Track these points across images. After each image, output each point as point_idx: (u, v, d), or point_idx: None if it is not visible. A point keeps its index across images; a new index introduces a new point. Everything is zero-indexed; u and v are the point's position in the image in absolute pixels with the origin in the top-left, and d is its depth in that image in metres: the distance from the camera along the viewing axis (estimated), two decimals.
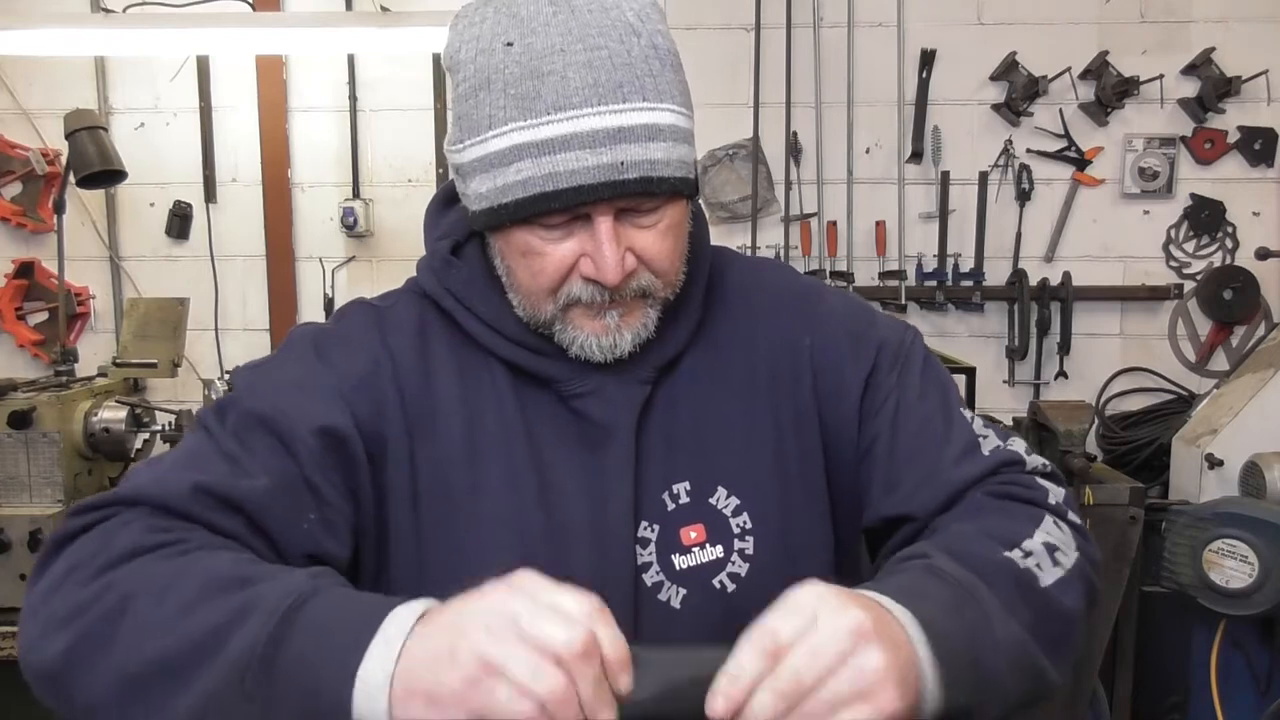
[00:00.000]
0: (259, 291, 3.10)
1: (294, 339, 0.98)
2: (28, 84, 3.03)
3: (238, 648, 0.69)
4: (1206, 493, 2.28)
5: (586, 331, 0.91)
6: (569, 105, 0.82)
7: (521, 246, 0.88)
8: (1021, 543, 0.85)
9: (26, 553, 2.14)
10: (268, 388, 0.92)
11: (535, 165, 0.83)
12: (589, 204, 0.84)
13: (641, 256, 0.88)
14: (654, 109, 0.84)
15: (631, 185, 0.83)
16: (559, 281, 0.88)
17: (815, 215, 3.04)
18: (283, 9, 3.00)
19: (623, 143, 0.83)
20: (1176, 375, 2.99)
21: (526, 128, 0.83)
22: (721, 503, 0.95)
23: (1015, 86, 2.94)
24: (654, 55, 0.85)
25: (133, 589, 0.75)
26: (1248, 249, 2.88)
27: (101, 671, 0.73)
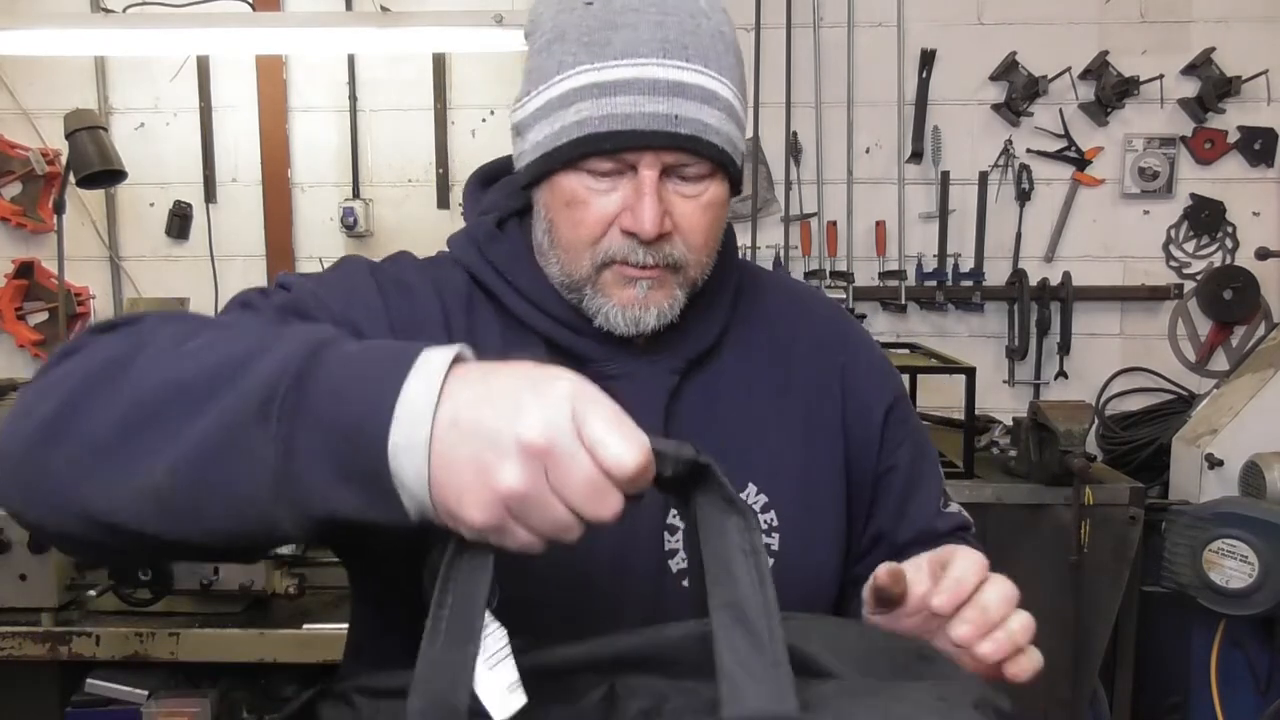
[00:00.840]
0: None
1: (350, 267, 0.98)
2: (28, 84, 3.03)
3: (264, 372, 0.63)
4: (1206, 493, 2.28)
5: (614, 301, 0.91)
6: (636, 53, 0.85)
7: (567, 195, 0.89)
8: None
9: (26, 553, 2.14)
10: (317, 287, 0.91)
11: (594, 106, 0.85)
12: (638, 150, 0.86)
13: (679, 224, 0.90)
14: (714, 78, 0.88)
15: (682, 139, 0.86)
16: (599, 233, 0.90)
17: (815, 215, 3.04)
18: (283, 9, 3.00)
19: (680, 97, 0.86)
20: (1176, 375, 2.99)
21: (592, 69, 0.86)
22: (750, 499, 0.97)
23: (1015, 86, 2.94)
24: (719, 38, 0.90)
25: (142, 341, 0.70)
26: (1248, 249, 2.88)
27: (102, 408, 0.66)
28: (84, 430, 0.66)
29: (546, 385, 0.60)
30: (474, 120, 3.05)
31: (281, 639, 2.12)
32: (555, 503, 0.58)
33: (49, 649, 2.17)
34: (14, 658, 2.17)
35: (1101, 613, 2.27)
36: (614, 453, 0.57)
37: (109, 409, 0.66)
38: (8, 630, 2.16)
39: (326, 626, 2.11)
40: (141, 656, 2.16)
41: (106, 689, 2.24)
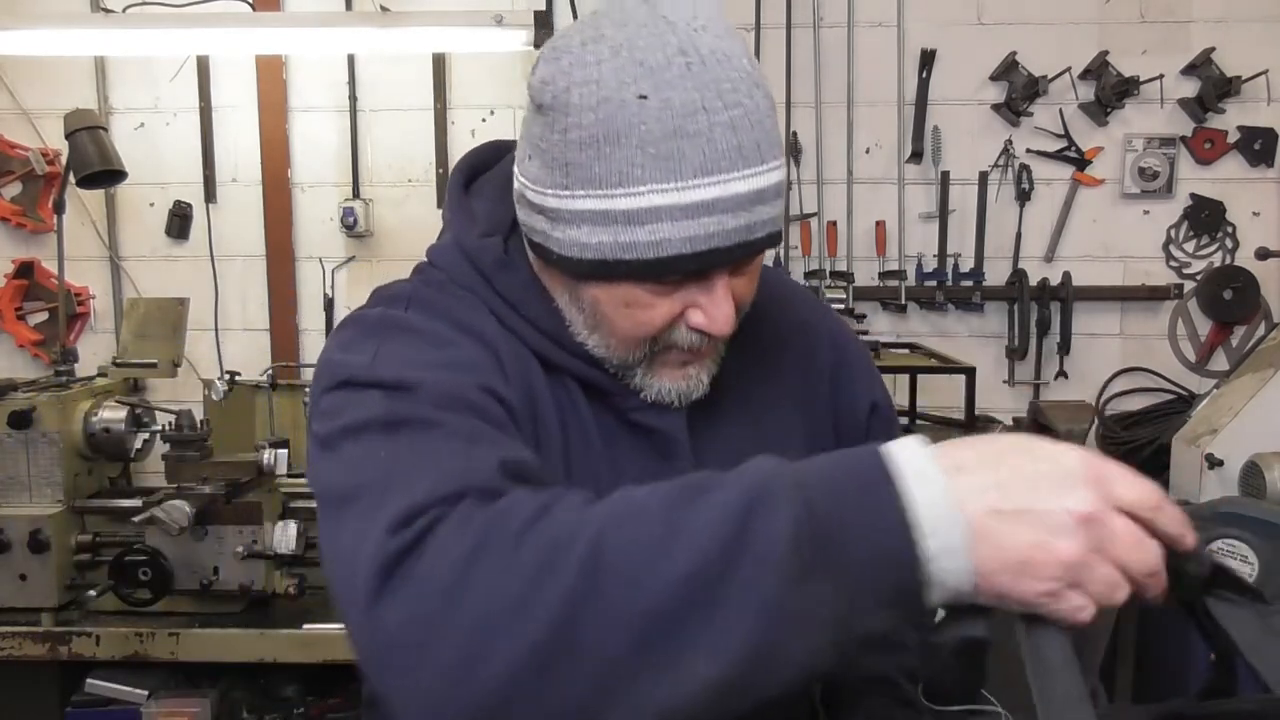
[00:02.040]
0: (259, 291, 3.10)
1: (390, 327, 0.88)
2: (28, 84, 3.03)
3: (765, 535, 0.60)
4: (1206, 493, 2.28)
5: (665, 379, 0.91)
6: (717, 169, 0.79)
7: (627, 298, 0.86)
8: None
9: (26, 553, 2.14)
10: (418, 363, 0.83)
11: (674, 228, 0.80)
12: (720, 266, 0.84)
13: (738, 303, 0.88)
14: (779, 168, 0.84)
15: (758, 245, 0.84)
16: (662, 327, 0.87)
17: (815, 215, 3.03)
18: (283, 9, 3.00)
19: (759, 204, 0.82)
20: (1176, 375, 2.99)
21: (670, 190, 0.79)
22: None
23: (1015, 86, 2.94)
24: (771, 108, 0.85)
25: (576, 535, 0.63)
26: (1248, 249, 2.88)
27: (605, 625, 0.60)
28: (592, 652, 0.60)
29: (1058, 457, 0.64)
30: (474, 120, 3.05)
31: (281, 639, 2.12)
32: (1106, 563, 0.63)
33: (49, 649, 2.17)
34: (14, 658, 2.17)
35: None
36: (1142, 499, 0.65)
37: (614, 625, 0.60)
38: (8, 630, 2.16)
39: (326, 626, 2.11)
40: (141, 656, 2.16)
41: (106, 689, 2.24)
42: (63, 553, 2.18)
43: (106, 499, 2.33)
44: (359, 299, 3.19)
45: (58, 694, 2.25)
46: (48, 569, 2.15)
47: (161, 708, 2.22)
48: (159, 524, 2.10)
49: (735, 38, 0.84)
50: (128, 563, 2.13)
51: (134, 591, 2.14)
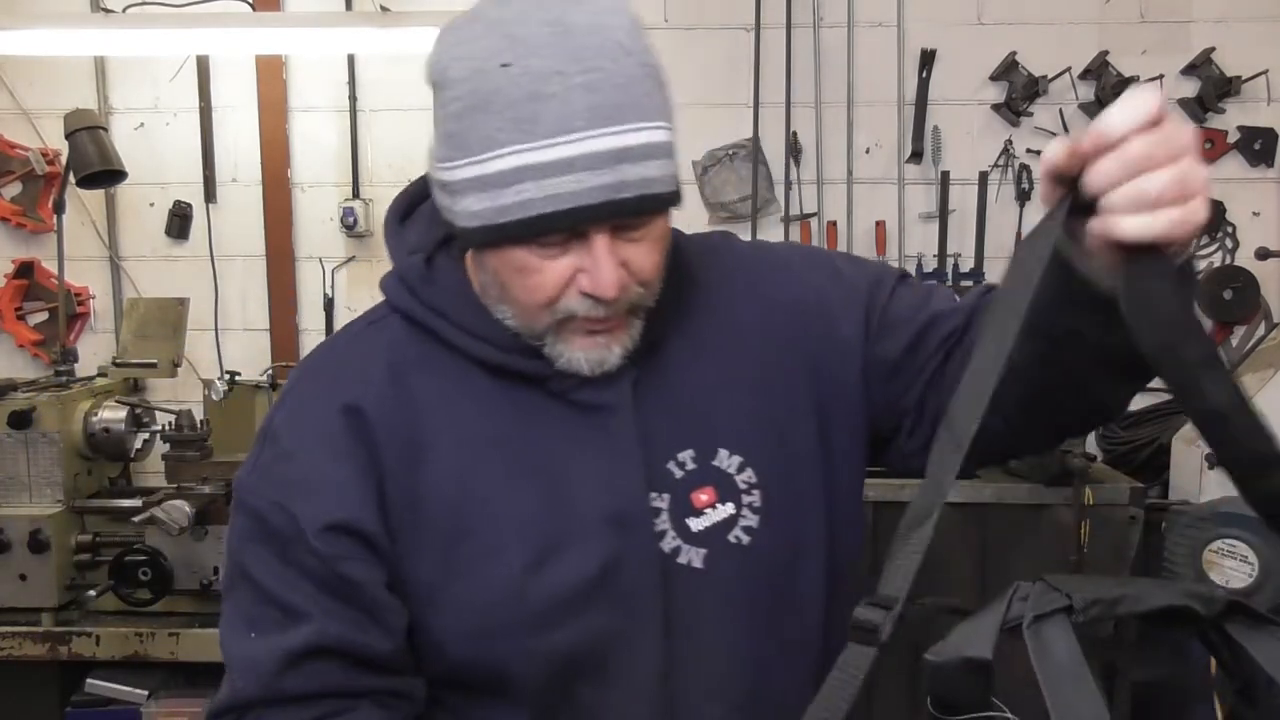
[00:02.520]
0: (259, 291, 3.10)
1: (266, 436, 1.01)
2: (28, 84, 3.03)
3: None
4: (1206, 493, 2.28)
5: (576, 347, 0.93)
6: (570, 128, 0.83)
7: (517, 264, 0.89)
8: None
9: (27, 553, 2.14)
10: (269, 490, 0.96)
11: (537, 187, 0.84)
12: (588, 224, 0.86)
13: (632, 269, 0.90)
14: (650, 128, 0.86)
15: (630, 204, 0.86)
16: (555, 297, 0.90)
17: (815, 215, 3.04)
18: (283, 9, 2.99)
19: (623, 163, 0.84)
20: None
21: (528, 150, 0.83)
22: (725, 463, 0.99)
23: (1015, 86, 2.94)
24: (645, 75, 0.87)
25: None
26: (1248, 249, 2.87)
27: None
28: None
29: None
30: None
31: None
32: None
33: (49, 649, 2.17)
34: (14, 658, 2.17)
35: None
36: None
37: None
38: (8, 630, 2.16)
39: None
40: (141, 656, 2.17)
41: (106, 689, 2.24)
42: (63, 553, 2.18)
43: (106, 499, 2.33)
44: (359, 299, 3.20)
45: (58, 694, 2.25)
46: (48, 569, 2.16)
47: (161, 708, 2.22)
48: (159, 524, 2.10)
49: (619, 14, 0.87)
50: (128, 563, 2.14)
51: (134, 591, 2.14)
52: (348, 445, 0.95)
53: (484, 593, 0.94)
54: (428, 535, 0.95)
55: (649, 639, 0.95)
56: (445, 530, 0.95)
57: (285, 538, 0.94)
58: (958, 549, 2.22)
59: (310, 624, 0.93)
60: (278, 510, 0.94)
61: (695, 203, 3.02)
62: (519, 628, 0.94)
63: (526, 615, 0.94)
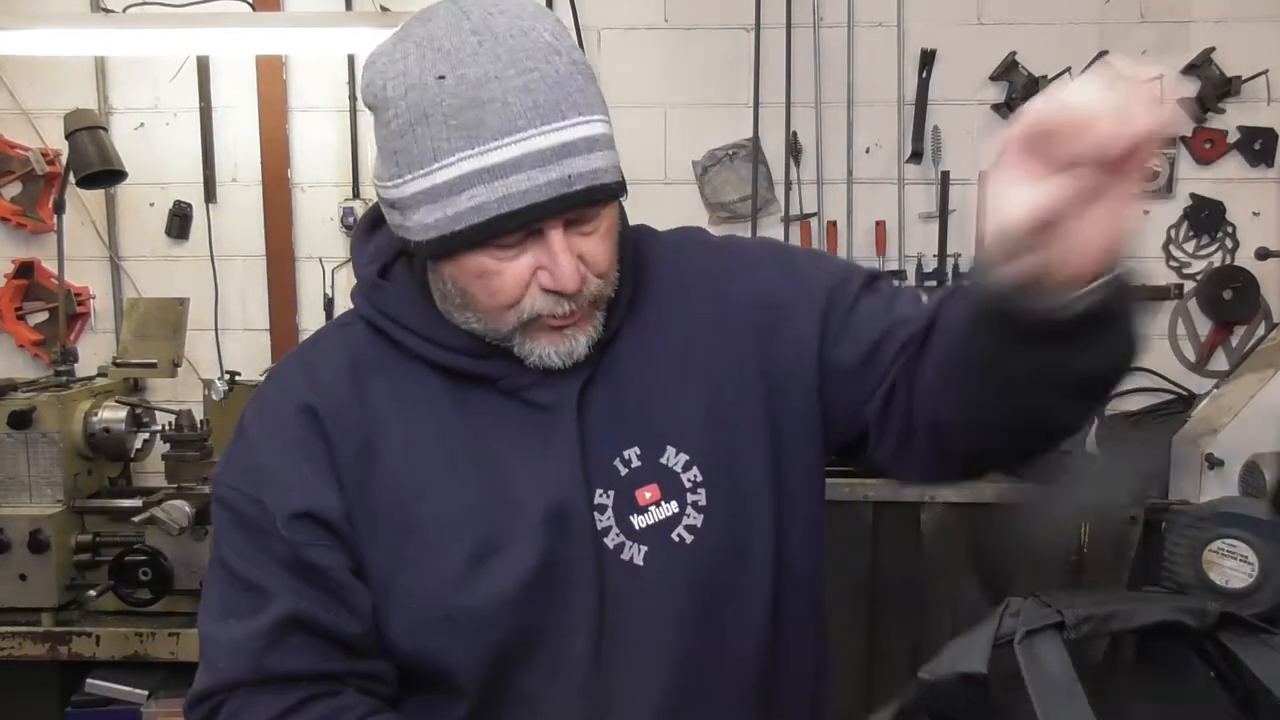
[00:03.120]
0: (259, 291, 3.10)
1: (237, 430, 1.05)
2: (28, 84, 3.03)
3: None
4: (1206, 493, 2.28)
5: (543, 343, 0.96)
6: (514, 128, 0.86)
7: (476, 269, 0.92)
8: None
9: (27, 553, 2.14)
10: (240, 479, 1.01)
11: (488, 190, 0.87)
12: (542, 220, 0.88)
13: (587, 262, 0.93)
14: (589, 121, 0.89)
15: (579, 196, 0.88)
16: (517, 297, 0.93)
17: (815, 215, 3.04)
18: (283, 9, 3.00)
19: (568, 157, 0.87)
20: (1176, 375, 2.99)
21: (475, 155, 0.86)
22: (671, 460, 1.00)
23: (1015, 86, 2.94)
24: (577, 71, 0.90)
25: None
26: (1248, 249, 2.87)
27: None
28: None
29: None
30: None
31: None
32: None
33: (49, 649, 2.17)
34: (14, 658, 2.17)
35: None
36: None
37: None
38: (8, 630, 2.16)
39: None
40: (141, 656, 2.17)
41: (106, 689, 2.24)
42: (63, 553, 2.18)
43: (106, 499, 2.33)
44: None
45: (58, 694, 2.25)
46: (48, 569, 2.16)
47: (161, 708, 2.22)
48: (159, 524, 2.10)
49: (540, 17, 0.91)
50: (128, 563, 2.14)
51: (134, 591, 2.14)
52: (306, 440, 0.99)
53: (426, 585, 0.97)
54: (378, 529, 0.98)
55: (582, 633, 0.97)
56: (393, 524, 0.98)
57: (256, 524, 0.98)
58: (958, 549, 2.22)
59: (280, 601, 0.96)
60: (246, 499, 0.99)
61: (695, 203, 3.02)
62: (459, 621, 0.97)
63: (466, 609, 0.96)
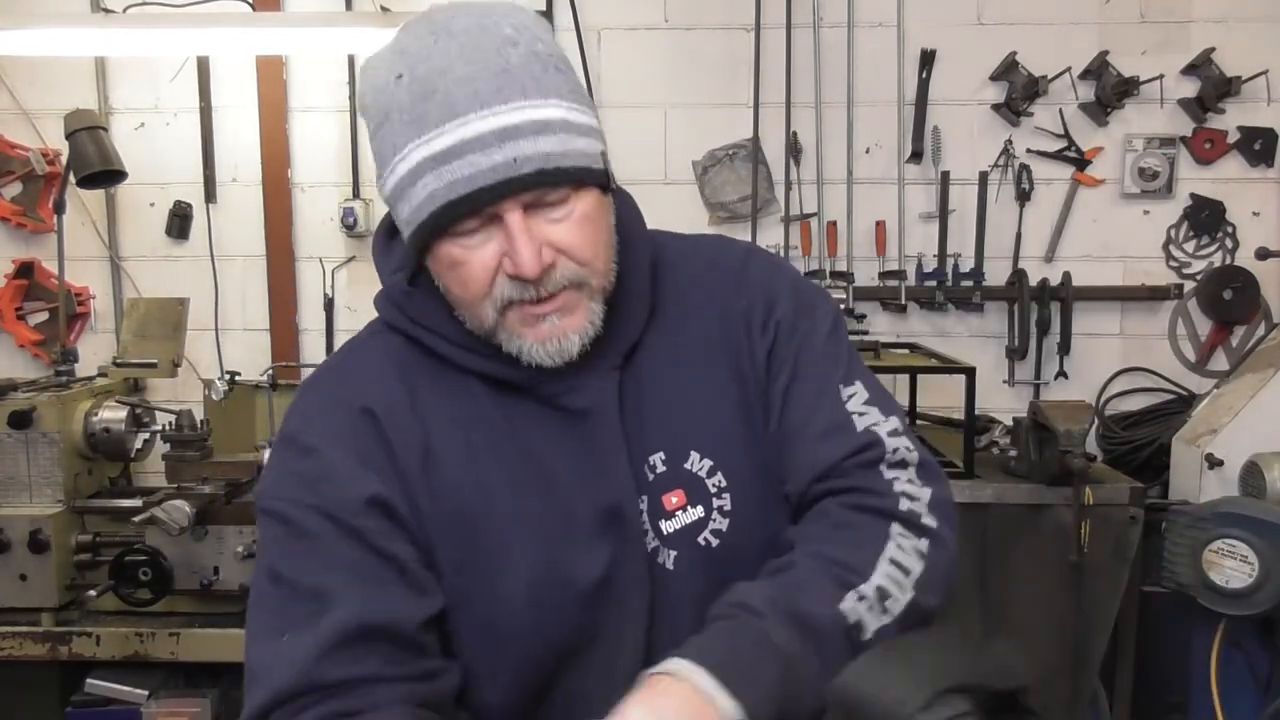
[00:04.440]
0: (259, 291, 3.10)
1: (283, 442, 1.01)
2: (28, 84, 3.03)
3: None
4: (1206, 493, 2.28)
5: (530, 339, 0.95)
6: (454, 114, 0.87)
7: (448, 260, 0.93)
8: (859, 585, 0.91)
9: (27, 553, 2.14)
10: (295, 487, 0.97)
11: (436, 178, 0.88)
12: (493, 204, 0.89)
13: (559, 248, 0.92)
14: (539, 106, 0.89)
15: (528, 179, 0.88)
16: (487, 286, 0.92)
17: (815, 215, 3.03)
18: (283, 9, 3.00)
19: (511, 140, 0.87)
20: (1176, 375, 2.99)
21: (422, 144, 0.88)
22: (696, 465, 1.01)
23: (1015, 86, 2.94)
24: (534, 60, 0.90)
25: None
26: (1248, 249, 2.87)
27: None
28: None
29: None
30: None
31: None
32: None
33: (49, 649, 2.17)
34: (14, 658, 2.17)
35: (1101, 613, 2.27)
36: None
37: None
38: (8, 630, 2.16)
39: None
40: (141, 656, 2.17)
41: (106, 689, 2.24)
42: (63, 553, 2.18)
43: (106, 499, 2.33)
44: (359, 299, 3.21)
45: (58, 694, 2.25)
46: (48, 569, 2.16)
47: (161, 708, 2.22)
48: (159, 524, 2.10)
49: (509, 14, 0.92)
50: (128, 563, 2.13)
51: (134, 591, 2.14)
52: (367, 443, 0.97)
53: (492, 597, 0.97)
54: (444, 533, 0.98)
55: (634, 634, 0.98)
56: (457, 533, 0.98)
57: (314, 532, 0.94)
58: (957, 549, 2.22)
59: (344, 606, 0.91)
60: (303, 509, 0.95)
61: (695, 203, 3.02)
62: (524, 631, 0.97)
63: (533, 619, 0.97)
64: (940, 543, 0.97)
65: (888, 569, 0.92)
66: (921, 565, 0.94)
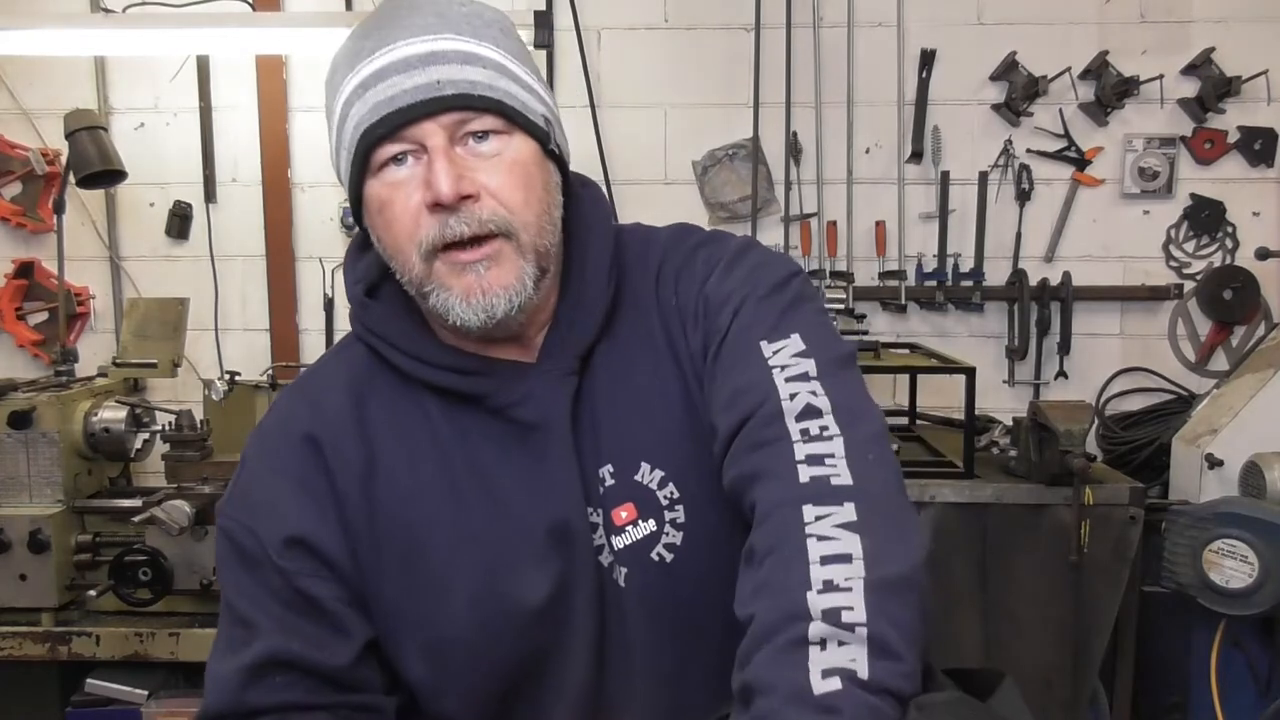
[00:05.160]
0: (259, 291, 3.10)
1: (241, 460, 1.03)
2: (28, 84, 3.03)
3: None
4: (1206, 493, 2.28)
5: (456, 291, 0.90)
6: (387, 43, 0.87)
7: (376, 204, 0.91)
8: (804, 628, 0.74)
9: (27, 553, 2.14)
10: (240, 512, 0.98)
11: (361, 104, 0.87)
12: (414, 124, 0.86)
13: (486, 186, 0.88)
14: (470, 42, 0.88)
15: (450, 100, 0.86)
16: (412, 225, 0.89)
17: (815, 215, 3.03)
18: (283, 9, 3.00)
19: (436, 64, 0.86)
20: (1176, 375, 2.99)
21: (353, 77, 0.88)
22: (646, 477, 0.96)
23: (1015, 86, 2.94)
24: (475, 16, 0.91)
25: None
26: (1248, 249, 2.87)
27: None
28: None
29: None
30: None
31: None
32: None
33: (49, 649, 2.17)
34: (14, 658, 2.17)
35: (1101, 613, 2.27)
36: None
37: None
38: (8, 630, 2.16)
39: None
40: (141, 656, 2.16)
41: (106, 689, 2.24)
42: (63, 553, 2.18)
43: (106, 499, 2.33)
44: None
45: (58, 694, 2.25)
46: (48, 569, 2.16)
47: (161, 708, 2.22)
48: (159, 524, 2.10)
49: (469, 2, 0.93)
50: (128, 563, 2.13)
51: (134, 591, 2.14)
52: (307, 472, 0.96)
53: (437, 615, 0.94)
54: (386, 555, 0.96)
55: (585, 652, 0.94)
56: (400, 553, 0.95)
57: (253, 557, 0.95)
58: (958, 549, 2.22)
59: (265, 639, 0.94)
60: (244, 531, 0.96)
61: (695, 203, 3.02)
62: (474, 648, 0.94)
63: (480, 637, 0.94)
64: (864, 497, 0.80)
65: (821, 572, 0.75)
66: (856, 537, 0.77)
